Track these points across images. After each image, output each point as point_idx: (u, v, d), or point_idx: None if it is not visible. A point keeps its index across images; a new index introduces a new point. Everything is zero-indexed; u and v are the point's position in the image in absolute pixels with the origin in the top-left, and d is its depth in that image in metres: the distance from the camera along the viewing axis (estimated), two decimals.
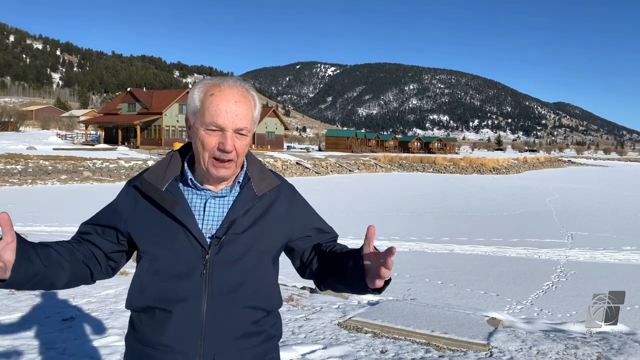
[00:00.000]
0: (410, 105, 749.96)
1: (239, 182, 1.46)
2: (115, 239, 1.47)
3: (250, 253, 1.41)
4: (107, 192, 24.54)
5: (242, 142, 1.37)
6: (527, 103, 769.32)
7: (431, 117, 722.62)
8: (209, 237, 1.39)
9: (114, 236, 1.47)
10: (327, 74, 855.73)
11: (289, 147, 73.34)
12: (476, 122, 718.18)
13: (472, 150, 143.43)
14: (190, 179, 1.42)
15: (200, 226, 1.39)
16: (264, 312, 1.44)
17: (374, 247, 1.31)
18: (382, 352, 3.88)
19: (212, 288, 1.36)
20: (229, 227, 1.39)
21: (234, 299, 1.37)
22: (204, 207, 1.42)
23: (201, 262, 1.36)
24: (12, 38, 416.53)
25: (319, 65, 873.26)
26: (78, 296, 5.23)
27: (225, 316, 1.37)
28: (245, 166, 1.49)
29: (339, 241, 1.61)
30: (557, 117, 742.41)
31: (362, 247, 1.32)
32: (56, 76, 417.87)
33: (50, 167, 30.41)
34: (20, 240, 1.24)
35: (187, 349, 1.35)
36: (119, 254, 1.50)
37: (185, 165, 1.45)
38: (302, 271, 1.58)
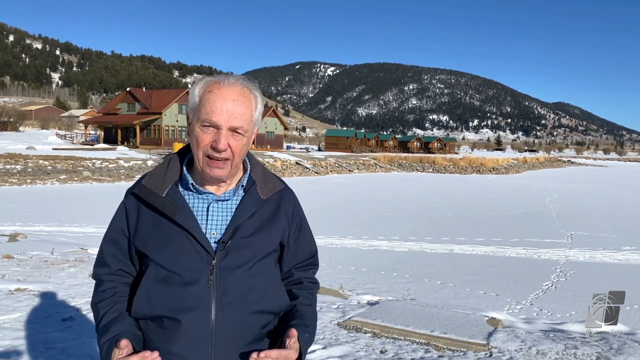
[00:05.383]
0: (410, 105, 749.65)
1: (242, 185, 1.42)
2: (137, 257, 1.44)
3: (257, 257, 1.38)
4: (107, 192, 24.53)
5: (238, 141, 1.33)
6: (527, 103, 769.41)
7: (431, 117, 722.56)
8: (214, 243, 1.35)
9: (132, 255, 1.44)
10: (326, 74, 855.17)
11: (288, 147, 73.31)
12: (476, 122, 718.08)
13: (472, 150, 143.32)
14: (192, 183, 1.39)
15: (204, 231, 1.35)
16: (272, 315, 1.42)
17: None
18: (381, 352, 3.88)
19: (219, 294, 1.33)
20: (234, 232, 1.36)
21: (243, 304, 1.34)
22: (207, 211, 1.38)
23: (207, 269, 1.33)
24: (11, 38, 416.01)
25: (318, 65, 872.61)
26: (78, 296, 5.23)
27: (235, 323, 1.34)
28: (249, 169, 1.46)
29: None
30: (557, 117, 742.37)
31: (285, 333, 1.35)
32: (55, 76, 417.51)
33: (49, 167, 30.40)
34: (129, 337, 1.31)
35: (197, 357, 1.33)
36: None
37: (184, 168, 1.42)
38: None
